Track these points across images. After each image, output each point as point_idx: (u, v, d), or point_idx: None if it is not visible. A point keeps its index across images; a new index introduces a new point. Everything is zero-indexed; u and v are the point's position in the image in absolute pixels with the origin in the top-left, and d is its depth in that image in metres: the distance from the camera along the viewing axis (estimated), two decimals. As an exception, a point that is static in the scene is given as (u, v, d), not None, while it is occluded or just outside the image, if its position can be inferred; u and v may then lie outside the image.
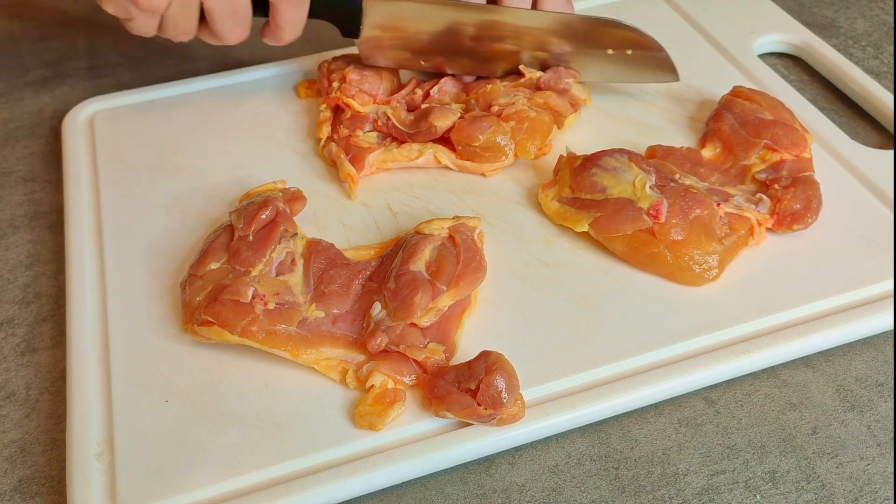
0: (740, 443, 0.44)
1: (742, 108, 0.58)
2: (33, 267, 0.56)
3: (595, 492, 0.43)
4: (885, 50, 0.71)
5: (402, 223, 0.55)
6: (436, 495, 0.43)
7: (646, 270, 0.51)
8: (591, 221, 0.52)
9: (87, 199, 0.58)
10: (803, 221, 0.52)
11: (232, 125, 0.64)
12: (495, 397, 0.42)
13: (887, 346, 0.49)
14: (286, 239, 0.50)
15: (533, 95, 0.59)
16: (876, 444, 0.44)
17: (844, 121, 0.64)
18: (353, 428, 0.44)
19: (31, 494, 0.44)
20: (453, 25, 0.61)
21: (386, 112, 0.59)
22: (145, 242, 0.54)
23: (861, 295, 0.49)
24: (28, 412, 0.48)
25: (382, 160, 0.58)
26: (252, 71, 0.68)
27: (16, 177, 0.63)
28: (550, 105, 0.59)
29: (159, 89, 0.67)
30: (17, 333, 0.52)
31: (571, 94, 0.61)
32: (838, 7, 0.77)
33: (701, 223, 0.50)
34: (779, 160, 0.55)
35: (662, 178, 0.53)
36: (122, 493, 0.41)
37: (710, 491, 0.42)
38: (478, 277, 0.48)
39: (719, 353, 0.46)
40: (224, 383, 0.46)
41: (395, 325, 0.46)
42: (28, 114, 0.69)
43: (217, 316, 0.45)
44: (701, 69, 0.67)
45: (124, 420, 0.44)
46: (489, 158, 0.57)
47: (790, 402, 0.46)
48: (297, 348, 0.46)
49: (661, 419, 0.46)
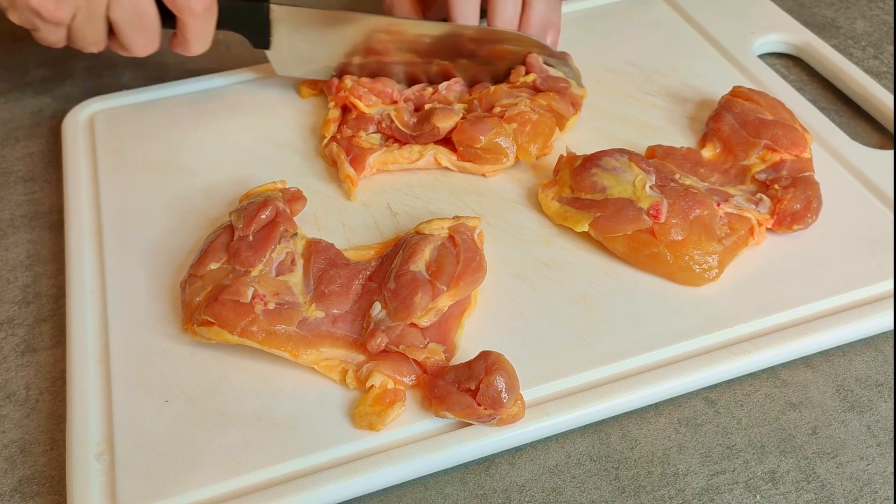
0: (740, 443, 0.44)
1: (742, 108, 0.58)
2: (33, 267, 0.56)
3: (595, 492, 0.43)
4: (885, 50, 0.71)
5: (402, 223, 0.55)
6: (436, 495, 0.43)
7: (646, 270, 0.51)
8: (591, 221, 0.52)
9: (87, 199, 0.58)
10: (803, 221, 0.52)
11: (232, 125, 0.64)
12: (495, 397, 0.42)
13: (887, 346, 0.49)
14: (286, 239, 0.50)
15: (536, 97, 0.59)
16: (876, 444, 0.44)
17: (844, 121, 0.64)
18: (353, 428, 0.44)
19: (31, 494, 0.44)
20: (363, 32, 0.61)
21: (389, 114, 0.59)
22: (145, 242, 0.54)
23: (861, 295, 0.49)
24: (28, 412, 0.48)
25: (383, 161, 0.58)
26: (252, 71, 0.68)
27: (16, 177, 0.63)
28: (553, 107, 0.59)
29: (159, 89, 0.67)
30: (17, 333, 0.52)
31: (571, 93, 0.61)
32: (838, 7, 0.77)
33: (701, 223, 0.50)
34: (779, 160, 0.55)
35: (662, 178, 0.53)
36: (122, 493, 0.41)
37: (710, 491, 0.42)
38: (478, 277, 0.48)
39: (719, 353, 0.46)
40: (224, 383, 0.46)
41: (395, 325, 0.46)
42: (28, 114, 0.69)
43: (217, 316, 0.45)
44: (701, 69, 0.67)
45: (124, 420, 0.44)
46: (490, 160, 0.57)
47: (790, 402, 0.46)
48: (297, 348, 0.46)
49: (661, 419, 0.46)
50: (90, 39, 0.58)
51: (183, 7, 0.57)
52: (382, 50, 0.62)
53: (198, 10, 0.57)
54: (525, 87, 0.61)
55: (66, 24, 0.57)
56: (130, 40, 0.58)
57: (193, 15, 0.57)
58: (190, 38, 0.59)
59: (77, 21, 0.56)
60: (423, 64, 0.63)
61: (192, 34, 0.59)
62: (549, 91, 0.60)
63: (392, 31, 0.62)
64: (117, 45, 0.59)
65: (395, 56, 0.63)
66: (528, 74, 0.61)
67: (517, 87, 0.61)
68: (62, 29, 0.57)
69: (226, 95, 0.66)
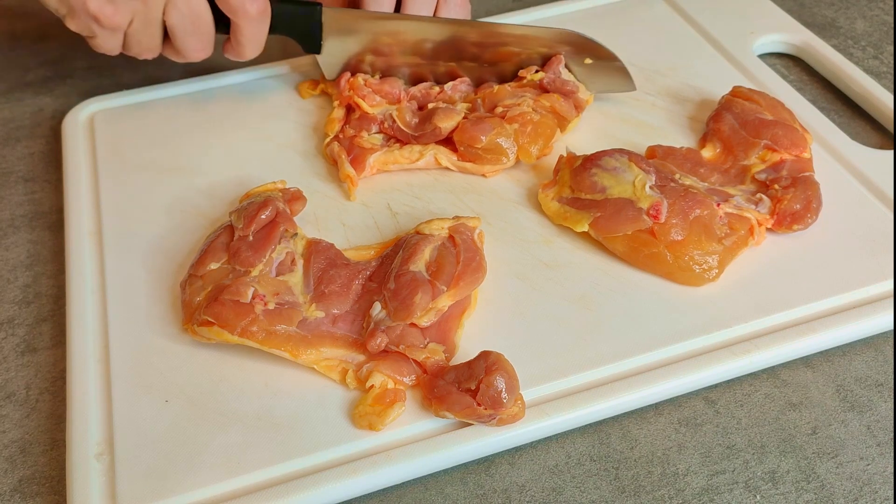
0: (740, 443, 0.44)
1: (742, 108, 0.58)
2: (33, 267, 0.56)
3: (595, 492, 0.43)
4: (885, 50, 0.71)
5: (402, 223, 0.55)
6: (436, 495, 0.43)
7: (646, 270, 0.51)
8: (591, 221, 0.52)
9: (87, 199, 0.58)
10: (803, 221, 0.52)
11: (232, 125, 0.64)
12: (495, 397, 0.42)
13: (887, 346, 0.49)
14: (286, 239, 0.50)
15: (539, 98, 0.59)
16: (876, 444, 0.44)
17: (844, 121, 0.64)
18: (353, 428, 0.44)
19: (31, 494, 0.44)
20: (412, 36, 0.61)
21: (392, 114, 0.59)
22: (145, 242, 0.54)
23: (861, 295, 0.49)
24: (28, 412, 0.48)
25: (384, 162, 0.58)
26: (253, 71, 0.68)
27: (16, 177, 0.63)
28: (556, 109, 0.59)
29: (159, 89, 0.67)
30: (17, 333, 0.52)
31: (577, 98, 0.61)
32: (838, 7, 0.77)
33: (701, 223, 0.50)
34: (779, 160, 0.55)
35: (662, 178, 0.53)
36: (122, 493, 0.41)
37: (710, 491, 0.42)
38: (478, 277, 0.48)
39: (719, 353, 0.46)
40: (224, 383, 0.46)
41: (395, 325, 0.46)
42: (28, 114, 0.69)
43: (217, 316, 0.45)
44: (701, 69, 0.67)
45: (124, 420, 0.44)
46: (491, 160, 0.57)
47: (790, 402, 0.46)
48: (297, 348, 0.46)
49: (661, 419, 0.46)
50: (145, 45, 0.58)
51: (238, 10, 0.56)
52: (425, 51, 0.62)
53: (252, 13, 0.57)
54: (531, 85, 0.61)
55: (123, 30, 0.57)
56: (185, 45, 0.58)
57: (248, 18, 0.57)
58: (244, 41, 0.59)
59: (134, 27, 0.57)
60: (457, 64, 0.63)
61: (245, 38, 0.59)
62: (555, 93, 0.60)
63: (436, 32, 0.61)
64: (171, 50, 0.60)
65: (433, 56, 0.62)
66: (538, 73, 0.61)
67: (523, 87, 0.61)
68: (119, 35, 0.57)
69: (226, 95, 0.66)
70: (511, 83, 0.62)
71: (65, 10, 0.56)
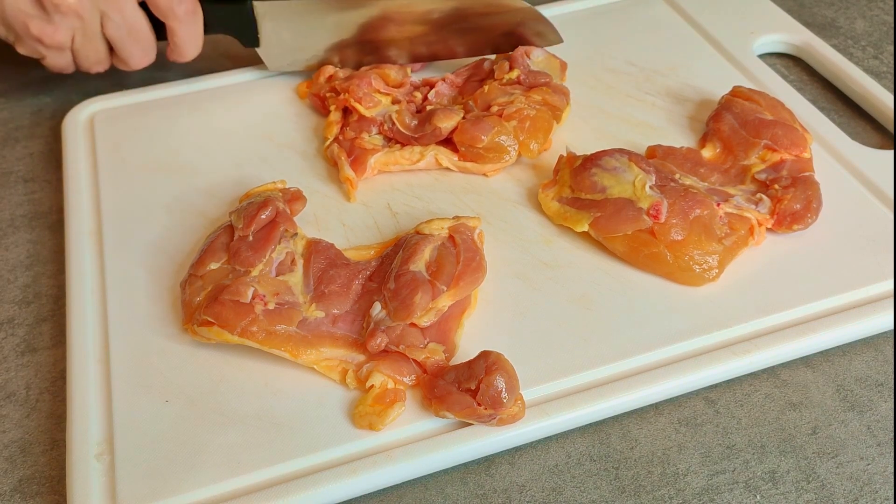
0: (740, 443, 0.44)
1: (742, 108, 0.58)
2: (33, 267, 0.56)
3: (595, 492, 0.43)
4: (885, 50, 0.71)
5: (402, 223, 0.55)
6: (436, 495, 0.43)
7: (646, 270, 0.51)
8: (591, 221, 0.52)
9: (87, 199, 0.58)
10: (803, 221, 0.52)
11: (232, 125, 0.64)
12: (495, 397, 0.42)
13: (887, 346, 0.49)
14: (286, 239, 0.50)
15: (529, 93, 0.60)
16: (876, 444, 0.44)
17: (844, 121, 0.64)
18: (353, 428, 0.44)
19: (31, 494, 0.44)
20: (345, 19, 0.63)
21: (391, 116, 0.59)
22: (145, 242, 0.54)
23: (861, 295, 0.49)
24: (28, 412, 0.48)
25: (384, 163, 0.58)
26: (252, 71, 0.68)
27: (16, 177, 0.63)
28: (548, 101, 0.59)
29: (159, 89, 0.67)
30: (17, 333, 0.52)
31: (556, 85, 0.61)
32: (838, 7, 0.77)
33: (701, 223, 0.50)
34: (779, 160, 0.55)
35: (662, 178, 0.53)
36: (122, 493, 0.41)
37: (710, 491, 0.42)
38: (478, 277, 0.48)
39: (719, 353, 0.46)
40: (224, 383, 0.46)
41: (395, 325, 0.46)
42: (28, 114, 0.69)
43: (217, 316, 0.45)
44: (701, 69, 0.67)
45: (124, 420, 0.44)
46: (492, 159, 0.57)
47: (790, 402, 0.46)
48: (297, 348, 0.46)
49: (661, 419, 0.46)
50: (93, 59, 0.62)
51: (167, 13, 0.60)
52: (369, 33, 0.63)
53: (181, 14, 0.60)
54: (512, 83, 0.61)
55: (67, 48, 0.60)
56: (128, 54, 0.62)
57: (178, 20, 0.60)
58: (180, 42, 0.62)
59: (77, 43, 0.60)
60: (410, 42, 0.64)
61: (181, 39, 0.62)
62: (534, 86, 0.60)
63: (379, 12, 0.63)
64: (118, 60, 0.63)
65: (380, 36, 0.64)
66: (512, 70, 0.61)
67: (507, 84, 0.61)
68: (66, 53, 0.61)
69: (226, 95, 0.66)
70: (494, 81, 0.61)
71: (12, 37, 0.60)
